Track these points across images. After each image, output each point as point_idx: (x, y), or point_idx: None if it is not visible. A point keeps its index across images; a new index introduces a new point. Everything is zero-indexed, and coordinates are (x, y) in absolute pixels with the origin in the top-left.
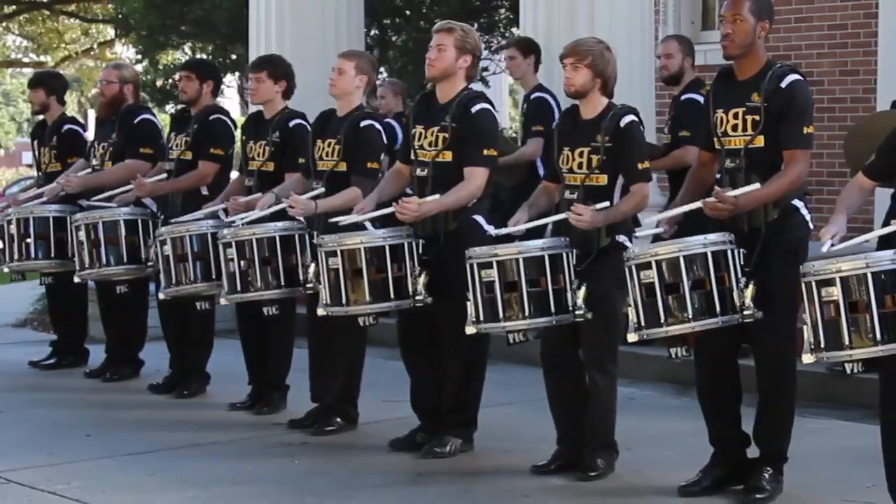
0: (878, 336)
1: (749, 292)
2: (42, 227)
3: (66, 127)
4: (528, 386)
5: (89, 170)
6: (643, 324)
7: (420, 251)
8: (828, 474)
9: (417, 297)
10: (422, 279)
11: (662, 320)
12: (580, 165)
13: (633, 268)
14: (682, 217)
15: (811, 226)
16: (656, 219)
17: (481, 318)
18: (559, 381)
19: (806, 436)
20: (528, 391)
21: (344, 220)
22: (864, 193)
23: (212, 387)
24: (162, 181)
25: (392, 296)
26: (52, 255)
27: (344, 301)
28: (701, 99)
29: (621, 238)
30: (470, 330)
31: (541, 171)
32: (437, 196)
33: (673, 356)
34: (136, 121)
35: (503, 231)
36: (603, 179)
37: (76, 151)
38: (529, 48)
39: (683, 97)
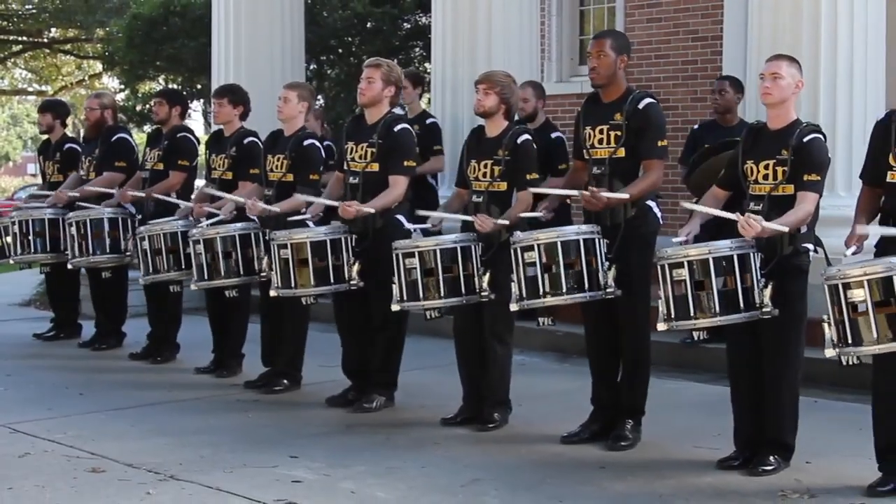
0: (717, 309)
1: (611, 274)
2: (40, 226)
3: (67, 146)
4: (439, 354)
5: (80, 181)
6: (525, 296)
7: (354, 244)
8: (681, 426)
9: (352, 282)
10: (355, 267)
11: (541, 294)
12: (484, 175)
13: (519, 250)
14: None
15: (661, 222)
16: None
17: (405, 298)
18: (467, 350)
19: (663, 395)
20: (438, 358)
21: (295, 218)
22: (717, 202)
23: (181, 355)
24: (140, 193)
25: (332, 280)
26: (49, 250)
27: (292, 284)
28: (565, 137)
29: (516, 234)
30: (395, 307)
31: (430, 180)
32: (371, 209)
33: (541, 324)
34: (113, 139)
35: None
36: (503, 186)
37: (74, 166)
38: (418, 81)
39: (554, 135)
